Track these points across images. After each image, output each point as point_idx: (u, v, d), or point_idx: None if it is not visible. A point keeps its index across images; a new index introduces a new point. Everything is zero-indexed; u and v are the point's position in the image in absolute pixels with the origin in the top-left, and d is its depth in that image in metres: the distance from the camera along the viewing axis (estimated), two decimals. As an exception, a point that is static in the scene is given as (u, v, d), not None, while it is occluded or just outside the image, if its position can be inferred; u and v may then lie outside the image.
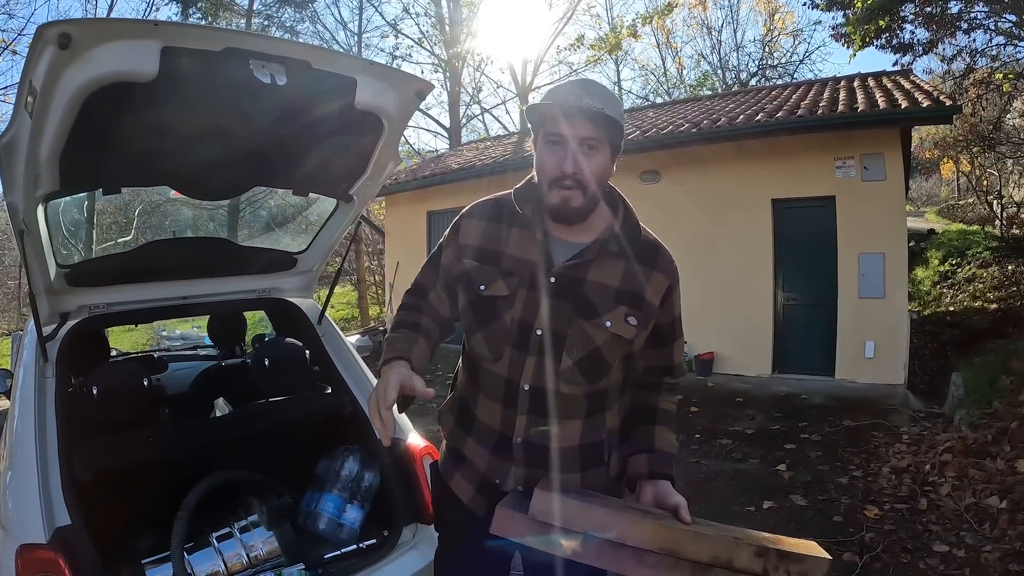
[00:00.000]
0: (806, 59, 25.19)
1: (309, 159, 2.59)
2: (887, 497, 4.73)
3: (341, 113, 2.24)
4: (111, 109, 1.88)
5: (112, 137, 2.09)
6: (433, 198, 12.75)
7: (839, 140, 8.15)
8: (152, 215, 22.96)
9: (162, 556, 2.31)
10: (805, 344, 8.70)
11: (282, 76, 1.90)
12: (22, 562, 1.89)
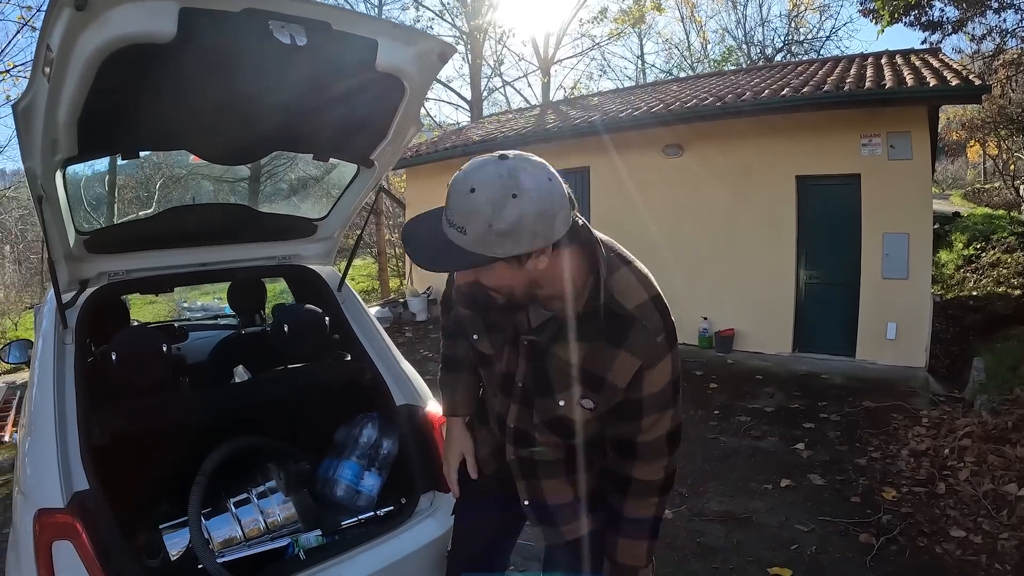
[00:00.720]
0: (833, 35, 24.80)
1: (329, 123, 2.55)
2: (905, 480, 4.70)
3: (362, 75, 2.19)
4: (129, 72, 1.84)
5: (130, 100, 2.06)
6: (454, 170, 12.56)
7: (865, 117, 8.01)
8: (173, 189, 23.12)
9: (179, 521, 2.32)
10: (826, 323, 8.64)
11: (302, 37, 1.86)
12: (40, 526, 1.90)
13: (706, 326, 9.37)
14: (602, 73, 34.13)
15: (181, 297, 17.07)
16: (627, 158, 10.10)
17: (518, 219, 1.34)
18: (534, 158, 1.44)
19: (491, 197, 1.35)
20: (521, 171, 1.38)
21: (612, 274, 1.57)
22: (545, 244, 1.40)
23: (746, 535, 4.07)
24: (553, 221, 1.39)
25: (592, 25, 22.77)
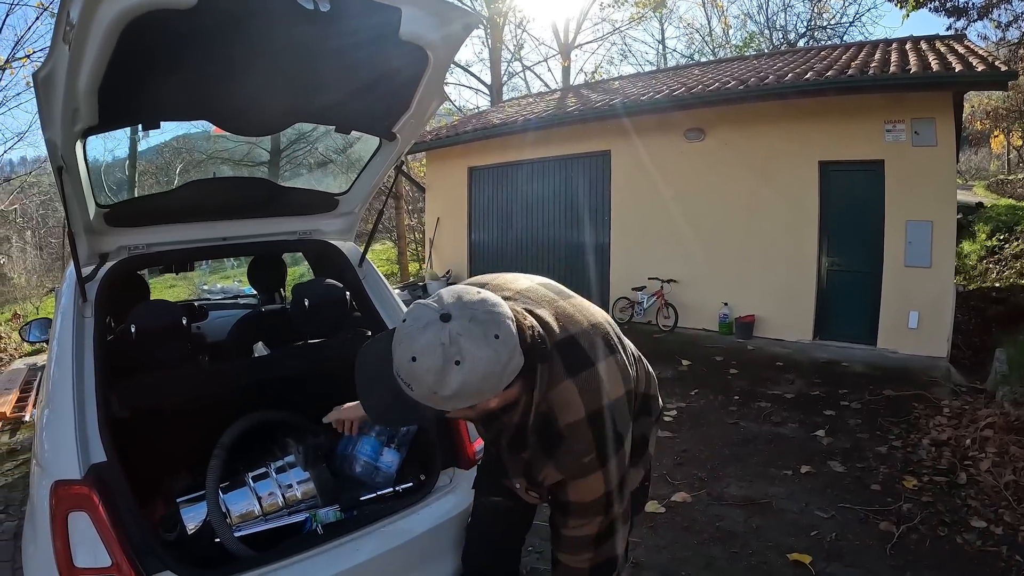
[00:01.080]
0: (856, 21, 24.51)
1: (352, 93, 2.52)
2: (926, 469, 4.66)
3: (385, 44, 2.16)
4: (150, 40, 1.83)
5: (151, 69, 2.04)
6: (474, 154, 12.72)
7: (890, 103, 7.91)
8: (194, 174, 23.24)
9: (197, 495, 2.32)
10: (848, 311, 8.57)
11: (325, 3, 1.84)
12: (56, 497, 1.91)
13: (726, 312, 9.34)
14: (623, 58, 33.98)
15: (201, 280, 17.19)
16: (648, 142, 10.06)
17: (462, 385, 1.34)
18: (482, 309, 1.39)
19: (432, 367, 1.33)
20: (464, 336, 1.33)
21: (554, 387, 1.53)
22: (494, 394, 1.42)
23: (765, 520, 4.04)
24: (500, 378, 1.39)
25: (613, 9, 22.50)
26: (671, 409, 6.16)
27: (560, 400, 1.53)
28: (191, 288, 18.10)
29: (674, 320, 9.65)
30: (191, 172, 23.30)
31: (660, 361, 7.95)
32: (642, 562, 3.64)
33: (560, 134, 11.01)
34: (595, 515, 1.61)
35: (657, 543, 3.82)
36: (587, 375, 1.56)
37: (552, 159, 11.57)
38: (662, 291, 9.87)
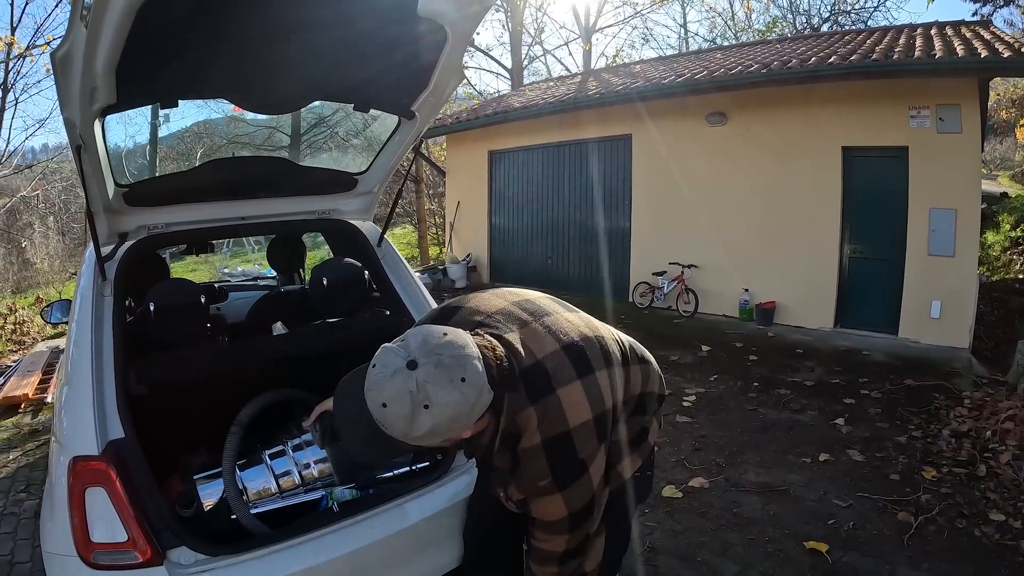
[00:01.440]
0: (881, 6, 24.09)
1: (370, 70, 2.52)
2: (946, 460, 4.61)
3: (403, 21, 2.16)
4: (166, 17, 1.83)
5: (168, 48, 2.04)
6: (495, 137, 12.70)
7: (914, 88, 7.79)
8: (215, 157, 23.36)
9: (214, 472, 2.33)
10: (869, 299, 8.50)
11: None
12: (74, 473, 1.93)
13: (747, 298, 9.28)
14: (644, 42, 33.78)
15: (223, 263, 17.31)
16: (670, 126, 10.02)
17: (432, 427, 1.41)
18: (448, 353, 1.45)
19: (402, 413, 1.40)
20: (430, 383, 1.40)
21: (520, 412, 1.59)
22: (463, 430, 1.51)
23: (783, 508, 4.03)
24: (469, 416, 1.46)
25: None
26: (690, 394, 6.15)
27: (522, 424, 1.59)
28: (212, 271, 18.23)
29: (694, 306, 9.62)
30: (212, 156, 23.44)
31: (680, 347, 7.95)
32: (658, 546, 3.64)
33: (581, 118, 10.95)
34: (558, 534, 1.69)
35: (674, 528, 3.82)
36: (547, 401, 1.59)
37: (573, 143, 11.51)
38: (682, 276, 9.82)
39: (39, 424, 6.12)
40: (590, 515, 1.70)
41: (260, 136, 22.64)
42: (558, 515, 1.64)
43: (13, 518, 4.24)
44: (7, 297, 17.82)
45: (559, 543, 1.71)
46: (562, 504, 1.62)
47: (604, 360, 1.71)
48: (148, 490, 1.99)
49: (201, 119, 23.61)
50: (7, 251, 20.54)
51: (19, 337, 11.85)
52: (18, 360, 8.91)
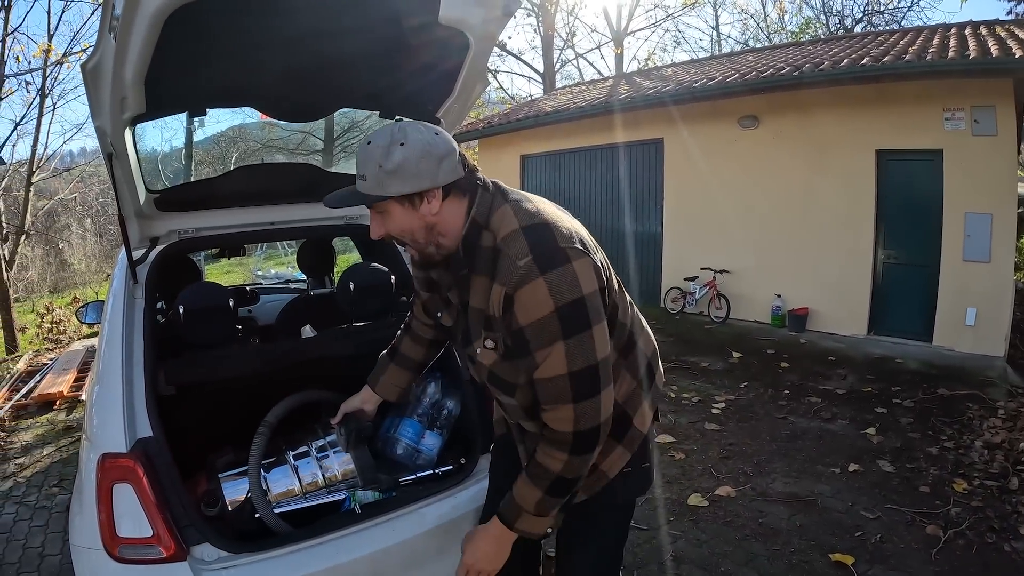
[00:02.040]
0: (915, 6, 23.78)
1: (394, 78, 2.55)
2: (977, 472, 4.52)
3: (425, 28, 2.17)
4: (193, 28, 1.86)
5: (195, 57, 2.09)
6: (527, 141, 12.73)
7: (948, 89, 7.64)
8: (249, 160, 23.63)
9: (239, 471, 2.36)
10: (903, 306, 8.36)
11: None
12: (102, 469, 1.97)
13: (779, 304, 9.20)
14: (676, 44, 33.55)
15: (256, 265, 17.54)
16: (702, 130, 9.96)
17: (403, 160, 1.56)
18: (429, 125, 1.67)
19: (381, 144, 1.59)
20: (410, 127, 1.62)
21: (493, 213, 1.65)
22: (431, 185, 1.60)
23: (809, 519, 3.98)
24: (437, 164, 1.59)
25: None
26: (720, 402, 6.11)
27: (498, 220, 1.63)
28: (246, 274, 18.47)
29: (726, 311, 9.56)
30: (246, 160, 23.71)
31: (711, 353, 7.91)
32: (682, 555, 3.61)
33: (613, 122, 10.90)
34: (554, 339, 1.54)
35: (698, 537, 3.79)
36: (522, 203, 1.66)
37: (604, 147, 11.48)
38: (714, 281, 9.76)
39: (73, 421, 6.26)
40: (595, 387, 1.57)
41: (294, 140, 22.79)
42: (542, 311, 1.52)
43: (45, 512, 4.36)
44: (45, 297, 18.22)
45: (566, 417, 1.58)
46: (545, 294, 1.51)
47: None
48: (173, 487, 2.03)
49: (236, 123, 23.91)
50: (45, 252, 20.99)
51: (56, 336, 12.12)
52: (54, 358, 9.09)
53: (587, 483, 1.78)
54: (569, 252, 1.54)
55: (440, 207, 1.63)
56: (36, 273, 20.34)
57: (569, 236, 1.58)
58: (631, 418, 1.80)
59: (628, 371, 1.78)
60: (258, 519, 2.22)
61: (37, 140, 13.49)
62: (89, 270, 22.97)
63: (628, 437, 1.81)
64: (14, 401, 6.87)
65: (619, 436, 1.78)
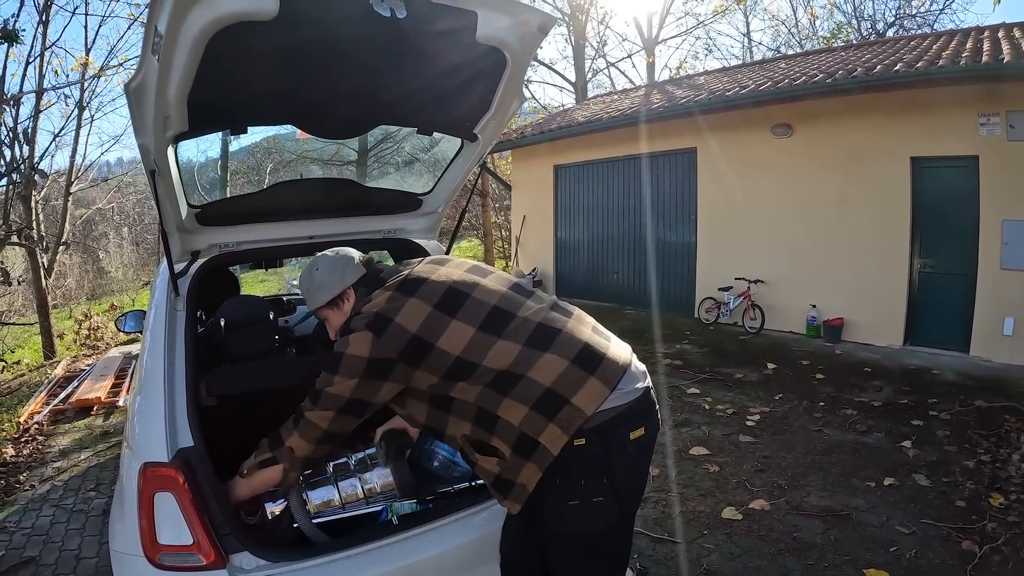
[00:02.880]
0: (947, 8, 23.35)
1: (432, 96, 2.59)
2: (1014, 486, 4.44)
3: (463, 48, 2.21)
4: (235, 48, 1.90)
5: (237, 77, 2.13)
6: (560, 152, 12.77)
7: (983, 94, 7.53)
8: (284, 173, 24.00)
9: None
10: (940, 316, 8.25)
11: (402, 9, 1.86)
12: (144, 478, 2.02)
13: (814, 314, 9.12)
14: (707, 52, 33.44)
15: (291, 275, 17.68)
16: (734, 138, 9.93)
17: (319, 279, 2.25)
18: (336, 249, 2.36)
19: (305, 275, 2.31)
20: (320, 258, 2.31)
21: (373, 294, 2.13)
22: (343, 287, 2.22)
23: (844, 533, 3.93)
24: (343, 274, 2.23)
25: (696, 3, 22.30)
26: (754, 414, 6.07)
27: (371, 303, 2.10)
28: (281, 282, 18.64)
29: (760, 322, 9.49)
30: (281, 172, 24.03)
31: (745, 364, 7.86)
32: (715, 569, 3.59)
33: (645, 131, 10.90)
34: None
35: (732, 550, 3.76)
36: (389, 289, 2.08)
37: (637, 156, 11.47)
38: (749, 292, 9.70)
39: (110, 427, 6.38)
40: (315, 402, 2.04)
41: (328, 152, 23.13)
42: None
43: (82, 515, 4.45)
44: (82, 304, 18.56)
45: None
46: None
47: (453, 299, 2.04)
48: (214, 496, 2.06)
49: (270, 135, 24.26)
50: (83, 260, 21.37)
51: (93, 342, 12.32)
52: (92, 364, 9.27)
53: (515, 495, 1.93)
54: (352, 327, 2.02)
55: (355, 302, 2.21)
56: (74, 280, 20.71)
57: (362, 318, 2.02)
58: (535, 439, 1.85)
59: (516, 400, 1.87)
60: (296, 529, 2.25)
61: (75, 151, 13.77)
62: (126, 278, 23.35)
63: (537, 455, 1.85)
64: (52, 406, 7.02)
65: (526, 454, 1.86)
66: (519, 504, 1.92)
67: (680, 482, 4.63)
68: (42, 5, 11.59)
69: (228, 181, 22.42)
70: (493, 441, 1.91)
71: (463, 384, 1.92)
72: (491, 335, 1.94)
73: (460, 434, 1.99)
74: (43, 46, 11.79)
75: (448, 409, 1.98)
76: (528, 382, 1.86)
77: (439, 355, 1.93)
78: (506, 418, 1.88)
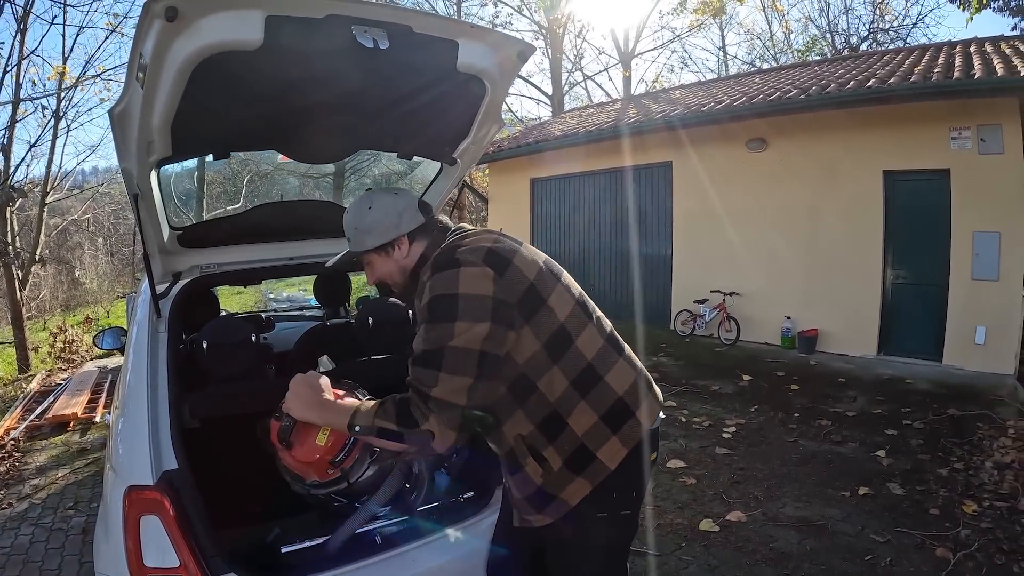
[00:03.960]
0: (919, 22, 23.79)
1: (413, 122, 2.63)
2: (987, 493, 4.53)
3: (443, 76, 2.25)
4: (219, 77, 1.92)
5: (221, 104, 2.15)
6: (536, 165, 12.83)
7: (954, 109, 7.72)
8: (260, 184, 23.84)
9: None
10: (913, 326, 8.40)
11: (384, 40, 1.90)
12: (129, 501, 2.01)
13: (789, 325, 9.24)
14: (683, 66, 33.56)
15: (268, 288, 17.60)
16: (710, 152, 10.04)
17: (372, 221, 1.98)
18: (393, 189, 2.13)
19: (356, 211, 2.03)
20: (375, 194, 2.04)
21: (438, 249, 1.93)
22: (396, 234, 1.97)
23: (820, 543, 3.99)
24: (398, 221, 1.96)
25: (672, 17, 22.50)
26: (730, 426, 6.14)
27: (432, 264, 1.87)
28: (257, 296, 18.57)
29: (736, 333, 9.58)
30: (257, 183, 23.90)
31: (721, 376, 7.93)
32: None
33: (621, 145, 11.00)
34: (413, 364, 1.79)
35: (710, 562, 3.81)
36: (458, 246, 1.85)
37: (613, 170, 11.58)
38: (724, 304, 9.80)
39: (88, 443, 6.32)
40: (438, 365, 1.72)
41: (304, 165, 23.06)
42: (416, 345, 1.79)
43: (61, 534, 4.40)
44: (56, 315, 18.33)
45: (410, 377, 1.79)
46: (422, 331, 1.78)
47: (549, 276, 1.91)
48: (199, 519, 2.05)
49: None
50: (57, 271, 21.09)
51: (68, 356, 12.17)
52: (67, 379, 9.17)
53: (552, 509, 1.86)
54: (461, 260, 1.78)
55: (408, 251, 1.99)
56: (48, 292, 20.43)
57: (470, 251, 1.80)
58: (593, 453, 1.83)
59: (590, 406, 1.83)
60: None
61: (51, 161, 13.62)
62: (101, 289, 23.04)
63: (590, 470, 1.83)
64: (29, 421, 6.94)
65: (578, 469, 1.82)
66: (548, 520, 1.89)
67: (657, 495, 4.67)
68: (20, 14, 11.48)
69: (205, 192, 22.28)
70: (546, 451, 1.82)
71: (557, 369, 1.80)
72: (585, 315, 1.91)
73: (517, 433, 1.85)
74: (20, 55, 11.67)
75: (524, 401, 1.83)
76: (604, 387, 1.85)
77: (548, 314, 1.82)
78: (573, 426, 1.81)
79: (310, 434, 2.00)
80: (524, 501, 1.92)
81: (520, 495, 1.92)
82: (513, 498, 1.98)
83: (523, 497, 1.91)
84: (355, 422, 1.80)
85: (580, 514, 1.84)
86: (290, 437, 2.00)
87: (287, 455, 2.04)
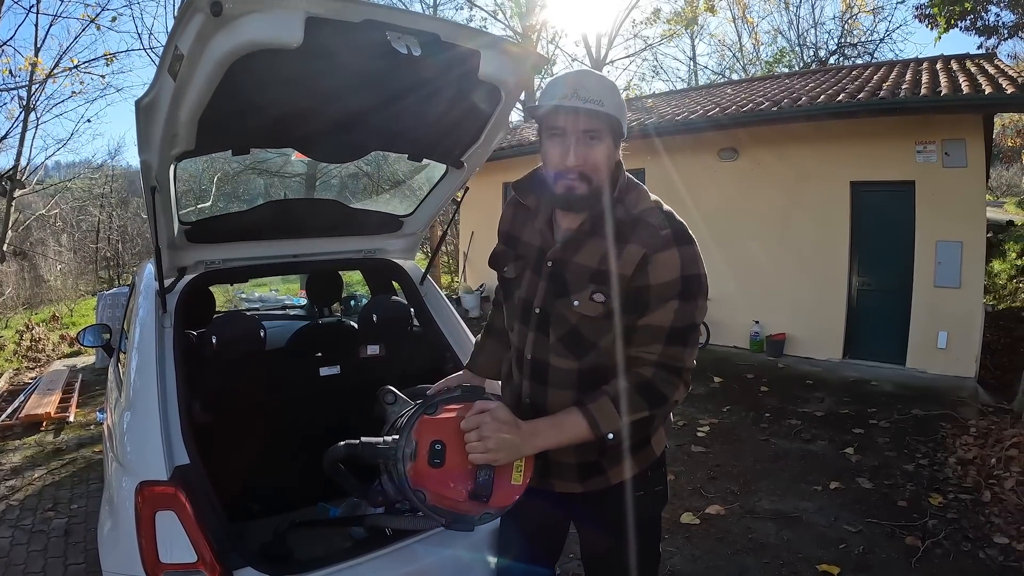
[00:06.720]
0: (887, 38, 24.33)
1: (429, 126, 2.69)
2: (951, 487, 4.74)
3: (465, 84, 2.31)
4: (253, 74, 1.93)
5: (249, 100, 2.16)
6: (508, 169, 12.77)
7: (921, 124, 7.96)
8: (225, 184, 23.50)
9: None
10: (877, 331, 8.60)
11: (417, 48, 1.96)
12: (143, 497, 2.03)
13: (757, 330, 9.41)
14: (655, 74, 33.88)
15: (239, 288, 17.37)
16: (682, 161, 10.15)
17: (620, 97, 1.75)
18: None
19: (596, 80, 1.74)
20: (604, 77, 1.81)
21: (630, 191, 1.86)
22: (625, 130, 1.80)
23: (795, 533, 4.15)
24: (623, 103, 1.77)
25: (645, 26, 22.71)
26: (704, 425, 6.28)
27: (635, 197, 1.86)
28: (228, 294, 18.34)
29: (706, 337, 9.72)
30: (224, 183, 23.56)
31: (692, 378, 8.00)
32: (678, 570, 3.77)
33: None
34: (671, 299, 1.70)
35: (693, 552, 3.95)
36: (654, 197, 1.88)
37: (586, 176, 11.55)
38: (695, 308, 9.86)
39: (62, 443, 6.24)
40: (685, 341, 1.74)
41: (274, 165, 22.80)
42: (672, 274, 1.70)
43: (43, 536, 4.33)
44: (20, 313, 17.96)
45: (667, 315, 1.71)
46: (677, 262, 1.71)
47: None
48: (213, 513, 2.08)
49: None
50: (20, 268, 20.68)
51: (35, 354, 11.98)
52: (37, 377, 9.02)
53: (592, 482, 1.87)
54: (692, 235, 1.79)
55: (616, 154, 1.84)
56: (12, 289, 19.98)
57: (685, 228, 1.80)
58: (649, 438, 1.91)
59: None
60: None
61: (20, 154, 13.36)
62: (64, 287, 22.62)
63: (642, 453, 1.90)
64: (0, 421, 6.85)
65: (632, 450, 1.83)
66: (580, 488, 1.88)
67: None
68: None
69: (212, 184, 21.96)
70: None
71: None
72: None
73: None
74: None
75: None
76: None
77: None
78: None
79: (504, 476, 1.74)
80: (577, 468, 1.87)
81: (575, 460, 1.86)
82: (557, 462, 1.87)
83: (574, 463, 1.86)
84: (604, 431, 1.68)
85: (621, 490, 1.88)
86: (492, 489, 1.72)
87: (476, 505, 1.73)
